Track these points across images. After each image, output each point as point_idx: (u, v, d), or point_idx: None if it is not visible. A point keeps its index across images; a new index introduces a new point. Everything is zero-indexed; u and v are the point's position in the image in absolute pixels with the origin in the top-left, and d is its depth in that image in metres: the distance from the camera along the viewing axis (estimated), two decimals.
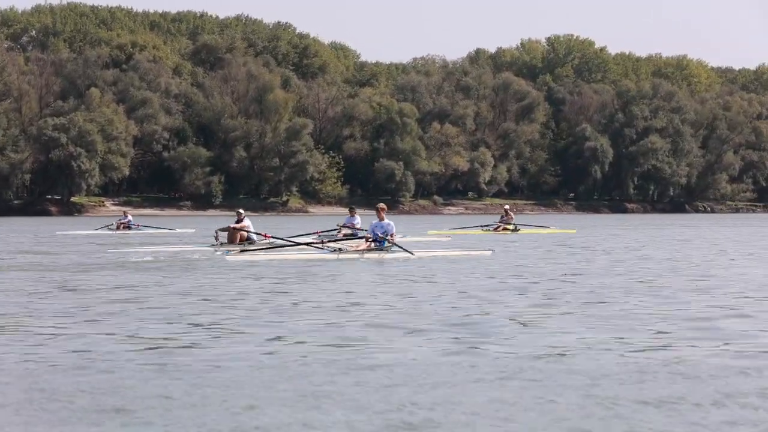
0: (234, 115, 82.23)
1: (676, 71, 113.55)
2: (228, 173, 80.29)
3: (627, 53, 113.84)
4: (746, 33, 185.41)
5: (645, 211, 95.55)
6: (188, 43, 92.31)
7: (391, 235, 16.79)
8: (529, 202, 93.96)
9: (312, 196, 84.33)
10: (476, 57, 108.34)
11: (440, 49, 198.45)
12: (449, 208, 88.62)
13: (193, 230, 33.02)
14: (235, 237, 20.03)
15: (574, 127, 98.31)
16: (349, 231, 21.06)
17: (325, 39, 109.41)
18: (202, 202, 78.16)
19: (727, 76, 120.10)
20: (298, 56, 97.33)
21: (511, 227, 31.68)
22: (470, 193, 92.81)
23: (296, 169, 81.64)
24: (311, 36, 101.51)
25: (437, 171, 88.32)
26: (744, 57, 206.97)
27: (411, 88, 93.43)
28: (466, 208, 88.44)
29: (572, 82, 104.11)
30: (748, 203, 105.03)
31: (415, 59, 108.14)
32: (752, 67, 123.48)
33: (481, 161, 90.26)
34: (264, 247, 17.76)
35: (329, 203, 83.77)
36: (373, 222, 17.16)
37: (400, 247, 16.70)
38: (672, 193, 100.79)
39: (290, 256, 16.15)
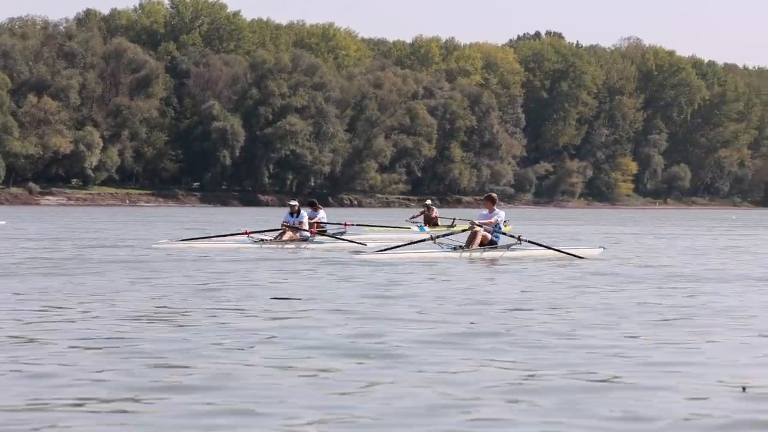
0: None
1: (321, 42, 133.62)
2: None
3: (265, 20, 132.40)
4: (400, 1, 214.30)
5: (282, 204, 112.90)
6: None
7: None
8: (146, 191, 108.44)
9: None
10: (86, 19, 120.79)
11: (43, 9, 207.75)
12: (48, 197, 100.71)
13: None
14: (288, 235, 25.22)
15: (199, 105, 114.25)
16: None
17: None
18: None
19: (379, 48, 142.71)
20: None
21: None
22: (74, 180, 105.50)
23: None
24: None
25: (33, 153, 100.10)
26: (399, 28, 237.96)
27: (2, 54, 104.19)
28: (69, 198, 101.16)
29: (199, 52, 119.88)
30: (401, 196, 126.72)
31: (11, 20, 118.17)
32: (408, 39, 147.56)
33: (88, 142, 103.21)
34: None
35: None
36: None
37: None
38: (314, 184, 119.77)
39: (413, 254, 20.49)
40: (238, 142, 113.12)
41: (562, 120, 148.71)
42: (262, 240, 24.75)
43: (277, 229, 25.59)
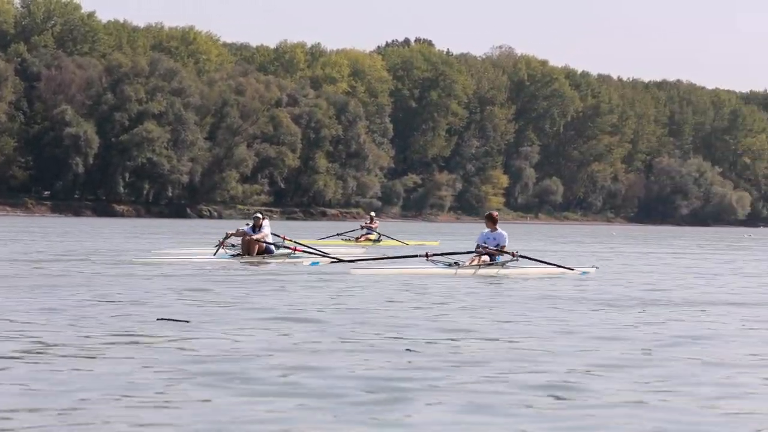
0: None
1: (180, 45, 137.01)
2: None
3: (121, 21, 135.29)
4: (264, 5, 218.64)
5: (138, 215, 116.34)
6: None
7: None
8: None
9: None
10: None
11: None
12: None
13: None
14: (252, 248, 25.79)
15: (51, 109, 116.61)
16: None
17: None
18: None
19: (242, 53, 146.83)
20: None
21: (373, 237, 39.17)
22: None
23: None
24: None
25: None
26: (263, 33, 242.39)
27: None
28: None
29: (51, 54, 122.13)
30: (263, 207, 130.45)
31: None
32: (272, 44, 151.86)
33: None
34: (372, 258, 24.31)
35: None
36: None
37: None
38: (171, 194, 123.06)
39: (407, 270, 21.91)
40: (92, 149, 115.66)
41: (432, 131, 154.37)
42: (235, 255, 25.71)
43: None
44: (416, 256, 22.79)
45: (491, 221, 22.94)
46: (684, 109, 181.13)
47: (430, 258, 22.34)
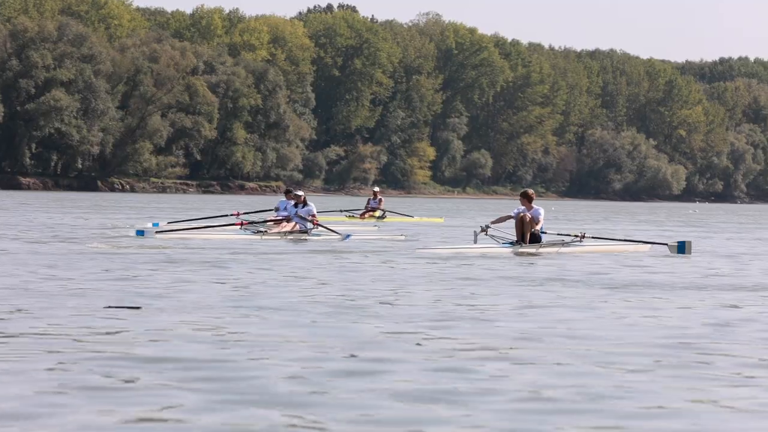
0: None
1: (90, 10, 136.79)
2: None
3: None
4: None
5: (46, 188, 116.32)
6: None
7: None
8: None
9: None
10: None
11: None
12: None
13: None
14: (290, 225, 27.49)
15: None
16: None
17: None
18: None
19: (156, 19, 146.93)
20: None
21: (377, 214, 39.96)
22: None
23: None
24: None
25: None
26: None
27: None
28: None
29: None
30: (178, 180, 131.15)
31: None
32: (188, 9, 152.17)
33: None
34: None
35: None
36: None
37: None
38: (81, 166, 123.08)
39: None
40: None
41: (355, 101, 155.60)
42: (259, 231, 26.74)
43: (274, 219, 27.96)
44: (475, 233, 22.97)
45: (526, 199, 23.19)
46: (617, 79, 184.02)
47: (488, 233, 22.94)
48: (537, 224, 22.94)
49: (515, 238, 22.91)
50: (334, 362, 8.44)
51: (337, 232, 26.82)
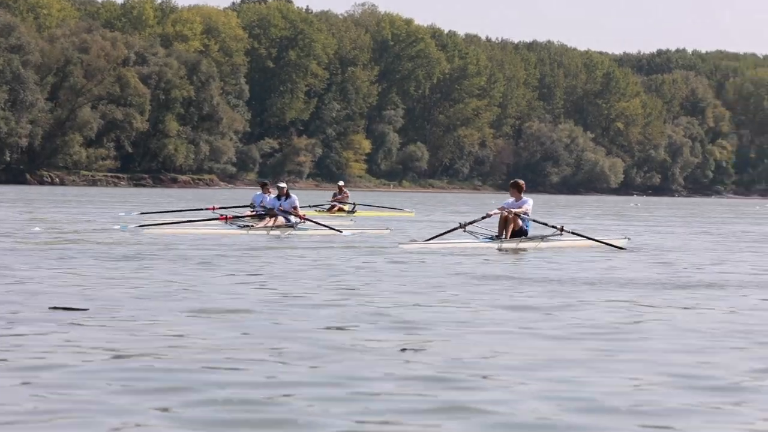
0: None
1: (19, 0, 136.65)
2: None
3: None
4: None
5: None
6: None
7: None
8: None
9: None
10: None
11: None
12: None
13: None
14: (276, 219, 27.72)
15: None
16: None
17: None
18: None
19: (86, 9, 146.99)
20: None
21: (347, 207, 41.00)
22: None
23: None
24: None
25: None
26: None
27: None
28: None
29: None
30: (109, 173, 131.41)
31: None
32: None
33: None
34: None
35: None
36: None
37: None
38: (9, 158, 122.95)
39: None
40: None
41: (290, 92, 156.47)
42: (246, 226, 27.13)
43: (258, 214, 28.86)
44: (454, 229, 23.20)
45: (516, 189, 23.29)
46: (555, 71, 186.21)
47: (466, 230, 22.87)
48: (525, 214, 23.02)
49: (496, 233, 22.97)
50: (300, 370, 8.27)
51: (332, 228, 26.78)
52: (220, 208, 31.60)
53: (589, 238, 23.78)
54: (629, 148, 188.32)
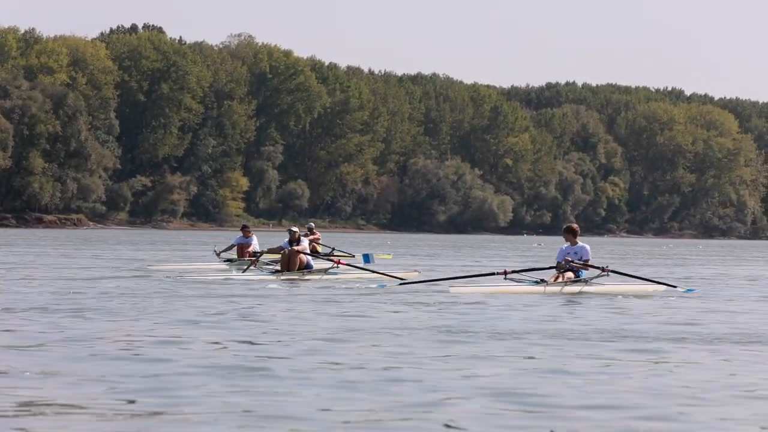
0: None
1: None
2: None
3: None
4: None
5: None
6: None
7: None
8: None
9: None
10: None
11: None
12: None
13: None
14: (294, 262, 26.94)
15: None
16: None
17: None
18: None
19: None
20: None
21: (320, 249, 38.38)
22: None
23: None
24: None
25: None
26: None
27: None
28: None
29: None
30: None
31: None
32: None
33: None
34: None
35: None
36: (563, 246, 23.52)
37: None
38: None
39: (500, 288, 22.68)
40: None
41: (163, 127, 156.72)
42: (277, 271, 27.12)
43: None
44: (494, 273, 23.49)
45: (571, 234, 23.13)
46: (441, 105, 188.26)
47: (508, 276, 22.94)
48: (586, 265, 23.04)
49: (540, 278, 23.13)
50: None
51: (391, 276, 26.10)
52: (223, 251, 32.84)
53: (638, 278, 24.65)
54: (519, 185, 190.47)
